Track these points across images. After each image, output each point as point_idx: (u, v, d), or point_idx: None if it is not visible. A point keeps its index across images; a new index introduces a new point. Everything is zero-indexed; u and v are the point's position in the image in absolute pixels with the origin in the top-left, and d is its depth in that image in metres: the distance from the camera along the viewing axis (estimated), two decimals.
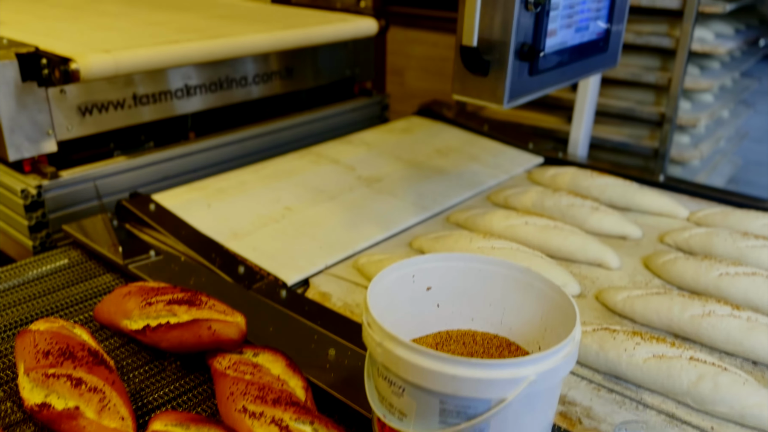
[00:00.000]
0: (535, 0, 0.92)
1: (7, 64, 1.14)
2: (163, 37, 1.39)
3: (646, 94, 1.87)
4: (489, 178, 1.50)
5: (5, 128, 1.16)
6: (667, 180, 1.47)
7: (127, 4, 1.93)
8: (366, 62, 1.90)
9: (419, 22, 3.43)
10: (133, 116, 1.37)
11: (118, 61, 1.20)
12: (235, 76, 1.55)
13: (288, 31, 1.54)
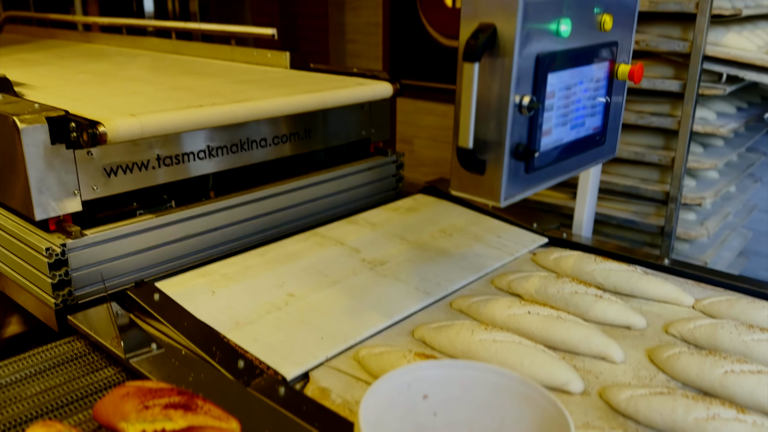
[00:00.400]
0: (529, 105, 0.95)
1: (38, 127, 1.19)
2: (186, 101, 1.44)
3: (650, 171, 1.88)
4: (493, 260, 1.50)
5: (33, 188, 1.20)
6: (672, 264, 1.46)
7: (151, 69, 2.00)
8: (382, 123, 1.95)
9: (428, 94, 3.51)
10: (156, 177, 1.41)
11: (143, 124, 1.25)
12: (256, 137, 1.60)
13: (307, 94, 1.60)
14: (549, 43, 0.98)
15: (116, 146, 1.31)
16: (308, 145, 1.73)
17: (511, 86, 0.94)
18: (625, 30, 1.17)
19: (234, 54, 2.14)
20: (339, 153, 1.89)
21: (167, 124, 1.30)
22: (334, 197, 1.76)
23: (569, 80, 1.04)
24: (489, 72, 0.95)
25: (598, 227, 1.96)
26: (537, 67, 0.96)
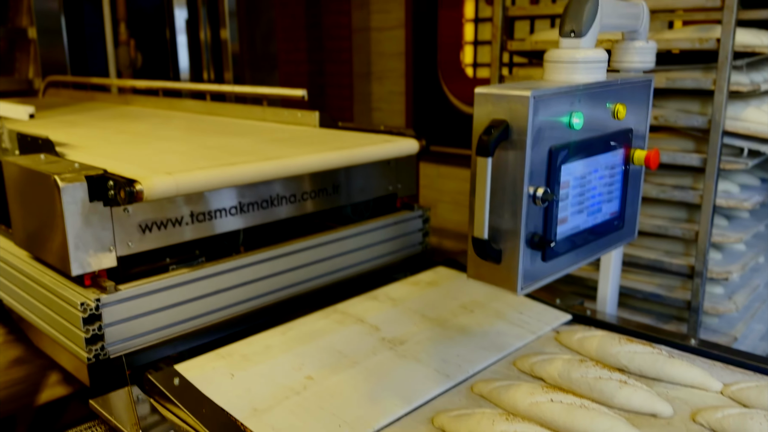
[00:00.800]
0: (543, 197, 0.96)
1: (77, 185, 1.24)
2: (219, 159, 1.49)
3: (674, 244, 1.86)
4: (515, 339, 1.48)
5: (70, 245, 1.24)
6: (699, 344, 1.42)
7: (186, 130, 2.06)
8: (408, 178, 1.99)
9: (451, 160, 3.55)
10: (188, 233, 1.45)
11: (178, 182, 1.29)
12: (285, 193, 1.64)
13: (335, 151, 1.64)
14: (562, 136, 1.00)
15: (151, 203, 1.34)
16: (336, 201, 1.77)
17: (525, 179, 0.95)
18: (640, 117, 1.19)
19: (265, 114, 2.22)
20: (366, 208, 1.93)
21: (201, 182, 1.34)
22: (362, 251, 1.79)
23: (584, 169, 1.05)
24: (502, 165, 0.97)
25: (623, 299, 1.93)
26: (550, 159, 0.98)
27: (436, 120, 3.57)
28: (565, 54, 1.04)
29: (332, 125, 2.07)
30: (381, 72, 3.84)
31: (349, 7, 3.88)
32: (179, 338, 1.41)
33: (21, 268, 1.46)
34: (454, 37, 3.41)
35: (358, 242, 1.78)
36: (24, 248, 1.49)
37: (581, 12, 1.04)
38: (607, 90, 1.08)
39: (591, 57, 1.03)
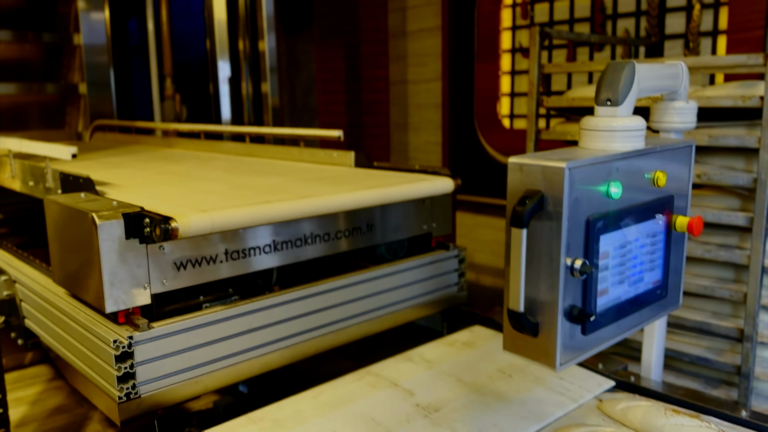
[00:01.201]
0: (581, 269, 0.93)
1: (114, 223, 1.25)
2: (255, 198, 1.50)
3: (722, 305, 1.79)
4: (555, 408, 1.43)
5: (105, 282, 1.25)
6: (751, 416, 1.35)
7: (225, 170, 2.10)
8: (443, 218, 1.97)
9: (487, 209, 3.52)
10: (222, 271, 1.45)
11: (213, 219, 1.30)
12: (319, 232, 1.64)
13: (369, 190, 1.64)
14: (599, 205, 0.98)
15: (186, 241, 1.35)
16: (370, 240, 1.76)
17: (562, 250, 0.93)
18: (681, 182, 1.15)
19: (302, 155, 2.25)
20: (400, 248, 1.91)
21: (236, 219, 1.35)
22: (397, 291, 1.77)
23: (624, 239, 1.02)
24: (538, 236, 0.95)
25: (669, 362, 1.85)
26: (588, 230, 0.95)
27: (472, 170, 3.56)
28: (602, 122, 1.02)
29: (367, 165, 2.07)
30: (418, 123, 3.88)
31: (387, 61, 3.95)
32: (211, 377, 1.40)
33: (58, 306, 1.49)
34: (490, 89, 3.42)
35: (393, 282, 1.76)
36: (62, 286, 1.51)
37: (617, 80, 1.03)
38: (646, 157, 1.05)
39: (628, 125, 1.01)
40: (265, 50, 2.79)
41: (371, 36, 3.91)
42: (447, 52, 3.56)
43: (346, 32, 4.06)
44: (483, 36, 3.40)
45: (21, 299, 1.77)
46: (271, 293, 1.52)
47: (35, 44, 3.50)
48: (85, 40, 3.50)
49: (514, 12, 3.26)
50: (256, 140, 2.67)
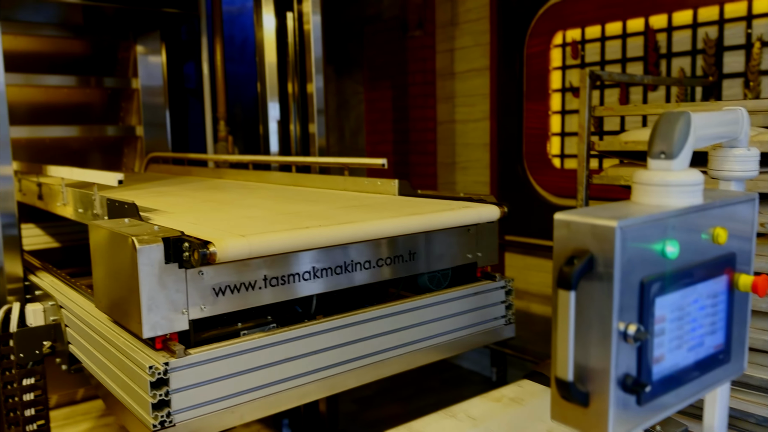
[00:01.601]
0: (635, 335, 0.87)
1: (154, 247, 1.24)
2: (295, 223, 1.48)
3: None
4: None
5: (144, 306, 1.23)
6: None
7: (270, 198, 2.10)
8: (489, 247, 1.88)
9: (537, 251, 3.44)
10: (261, 297, 1.42)
11: (252, 244, 1.28)
12: (360, 259, 1.58)
13: (411, 216, 1.59)
14: (654, 266, 0.91)
15: (226, 266, 1.33)
16: (412, 269, 1.70)
17: (613, 315, 0.87)
18: (744, 238, 1.08)
19: (346, 183, 2.25)
20: (444, 277, 1.84)
21: (274, 244, 1.32)
22: (440, 322, 1.70)
23: (681, 301, 0.95)
24: (587, 299, 0.89)
25: (733, 422, 1.73)
26: (642, 292, 0.89)
27: (522, 210, 3.49)
28: (656, 177, 0.97)
29: (412, 193, 2.03)
30: (465, 162, 3.84)
31: (435, 102, 3.96)
32: (248, 407, 1.36)
33: (98, 330, 1.49)
34: (540, 129, 3.37)
35: (436, 312, 1.69)
36: (102, 310, 1.50)
37: (672, 131, 0.97)
38: (704, 213, 0.99)
39: (685, 180, 0.95)
40: (313, 92, 2.83)
41: (419, 77, 3.93)
42: (495, 92, 3.54)
43: (395, 74, 4.09)
44: (532, 75, 3.37)
45: (66, 325, 1.80)
46: (311, 321, 1.49)
47: (97, 88, 3.65)
48: (143, 84, 3.64)
49: (564, 52, 3.22)
50: (302, 170, 2.70)
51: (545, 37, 3.27)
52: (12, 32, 3.32)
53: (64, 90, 3.51)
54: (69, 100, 3.57)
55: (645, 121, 2.70)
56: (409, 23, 3.92)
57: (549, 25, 3.25)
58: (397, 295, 1.73)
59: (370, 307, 1.58)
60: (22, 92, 3.41)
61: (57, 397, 3.03)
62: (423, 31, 3.86)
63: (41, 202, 2.30)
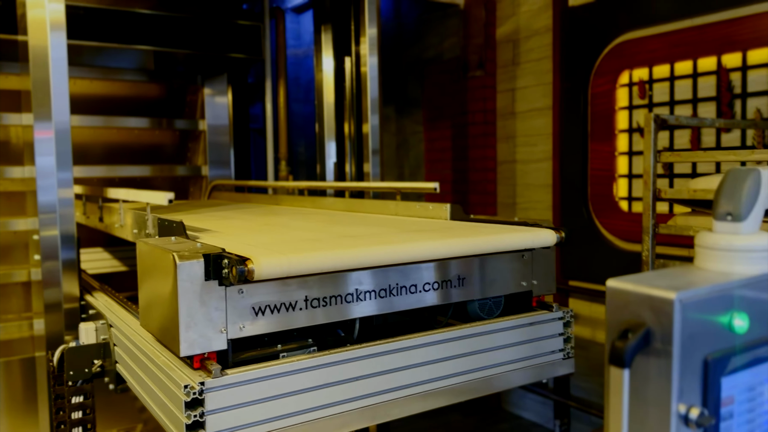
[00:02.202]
0: (698, 419, 0.78)
1: (195, 263, 1.22)
2: (339, 244, 1.44)
3: None
4: None
5: (182, 324, 1.21)
6: None
7: (319, 221, 2.10)
8: (545, 275, 1.77)
9: (603, 298, 3.28)
10: (302, 319, 1.37)
11: (290, 262, 1.25)
12: (406, 283, 1.52)
13: (458, 239, 1.52)
14: (720, 341, 0.83)
15: (266, 285, 1.30)
16: (462, 295, 1.60)
17: (673, 397, 0.78)
18: None
19: (398, 208, 2.23)
20: (496, 305, 1.74)
21: (313, 263, 1.29)
22: (492, 353, 1.60)
23: (753, 380, 0.86)
24: (643, 377, 0.81)
25: None
26: (706, 371, 0.80)
27: (587, 255, 3.36)
28: (722, 240, 0.88)
29: (464, 218, 1.98)
30: (527, 203, 3.75)
31: (495, 141, 3.90)
32: None
33: (142, 349, 1.49)
34: (606, 170, 3.25)
35: (487, 342, 1.59)
36: (145, 328, 1.49)
37: (739, 191, 0.89)
38: None
39: (754, 245, 0.87)
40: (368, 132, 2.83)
41: (479, 116, 3.89)
42: (558, 132, 3.45)
43: (454, 113, 4.07)
44: (597, 115, 3.26)
45: (114, 344, 1.82)
46: (353, 345, 1.42)
47: (167, 130, 3.80)
48: (209, 124, 3.76)
49: (630, 91, 3.11)
50: (357, 195, 2.75)
51: (611, 76, 3.18)
52: (89, 77, 3.51)
53: (135, 131, 3.67)
54: (139, 141, 3.72)
55: (719, 167, 2.55)
56: (470, 64, 3.90)
57: (615, 64, 3.16)
58: (446, 323, 1.65)
59: (415, 334, 1.50)
60: (96, 133, 3.58)
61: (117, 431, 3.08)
62: (484, 71, 3.83)
63: (102, 225, 2.36)
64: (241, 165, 3.96)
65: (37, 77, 1.94)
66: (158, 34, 3.06)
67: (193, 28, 3.18)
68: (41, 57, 1.94)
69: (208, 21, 3.21)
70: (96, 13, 2.90)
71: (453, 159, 4.11)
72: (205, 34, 3.21)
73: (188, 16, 3.16)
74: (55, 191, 2.01)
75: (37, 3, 1.92)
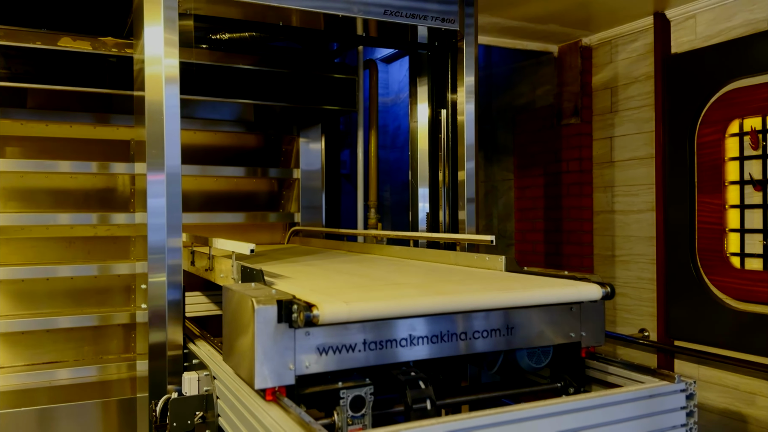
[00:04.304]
0: None
1: (269, 308, 1.41)
2: (397, 292, 1.63)
3: None
4: None
5: (257, 360, 1.39)
6: None
7: (384, 269, 2.23)
8: (594, 327, 1.84)
9: (712, 362, 3.05)
10: (360, 360, 1.52)
11: (352, 309, 1.43)
12: (456, 330, 1.63)
13: (509, 291, 1.67)
14: None
15: (330, 328, 1.46)
16: (510, 343, 1.71)
17: None
18: None
19: (458, 258, 2.38)
20: (545, 354, 1.84)
21: (372, 311, 1.46)
22: (606, 428, 1.49)
23: None
24: None
25: None
26: None
27: (694, 313, 3.15)
28: None
29: (517, 269, 2.12)
30: (627, 256, 3.58)
31: (591, 190, 3.77)
32: None
33: (245, 404, 1.54)
34: (715, 224, 3.06)
35: (601, 416, 1.47)
36: (226, 362, 1.61)
37: None
38: None
39: None
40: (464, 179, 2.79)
41: (574, 165, 3.79)
42: (662, 183, 3.29)
43: (546, 161, 3.98)
44: (704, 166, 3.10)
45: (217, 396, 1.84)
46: (465, 414, 1.36)
47: (262, 178, 3.91)
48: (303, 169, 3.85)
49: (741, 141, 2.94)
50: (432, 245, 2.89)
51: (719, 125, 3.02)
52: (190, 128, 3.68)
53: (233, 180, 3.79)
54: (237, 189, 3.85)
55: None
56: (564, 111, 3.83)
57: (723, 113, 3.00)
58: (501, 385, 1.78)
59: (510, 407, 1.44)
60: (196, 181, 3.73)
61: None
62: (579, 118, 3.74)
63: (193, 268, 2.49)
64: (332, 209, 4.02)
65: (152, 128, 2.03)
66: (259, 88, 3.18)
67: (292, 83, 3.28)
68: (156, 110, 2.03)
69: (305, 75, 3.31)
70: (204, 69, 3.05)
71: (545, 208, 4.01)
72: (303, 88, 3.30)
73: (287, 71, 3.27)
74: (165, 234, 2.05)
75: (154, 60, 2.03)
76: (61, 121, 3.24)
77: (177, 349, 2.14)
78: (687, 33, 3.20)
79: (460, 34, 2.53)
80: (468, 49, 2.54)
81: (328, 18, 2.34)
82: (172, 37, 1.99)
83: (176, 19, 1.99)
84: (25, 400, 2.87)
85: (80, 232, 3.27)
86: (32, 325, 3.01)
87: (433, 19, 2.38)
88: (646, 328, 3.46)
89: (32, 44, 2.70)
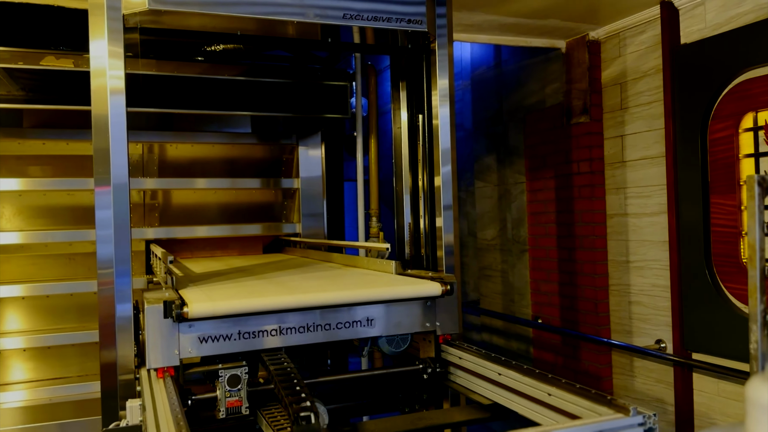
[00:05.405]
0: None
1: (157, 306, 1.79)
2: (271, 292, 2.01)
3: None
4: None
5: (148, 346, 1.79)
6: None
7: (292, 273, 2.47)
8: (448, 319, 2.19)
9: (732, 375, 2.80)
10: (238, 346, 1.88)
11: (216, 307, 1.81)
12: (320, 322, 2.00)
13: (359, 290, 2.07)
14: None
15: (211, 321, 1.83)
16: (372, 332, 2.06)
17: None
18: None
19: (369, 264, 2.64)
20: (403, 340, 2.18)
21: (231, 308, 1.83)
22: None
23: None
24: None
25: None
26: None
27: (711, 323, 2.90)
28: None
29: (400, 272, 2.41)
30: (641, 262, 3.35)
31: (603, 192, 3.55)
32: None
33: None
34: (730, 227, 2.81)
35: None
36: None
37: None
38: None
39: None
40: (440, 185, 2.62)
41: (584, 166, 3.58)
42: (673, 183, 3.05)
43: (557, 162, 3.78)
44: (717, 164, 2.85)
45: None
46: None
47: (265, 189, 3.87)
48: (303, 177, 3.79)
49: (756, 136, 2.69)
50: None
51: (732, 120, 2.77)
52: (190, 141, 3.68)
53: (233, 192, 3.77)
54: (236, 200, 3.82)
55: None
56: (573, 110, 3.62)
57: (736, 107, 2.75)
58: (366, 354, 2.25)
59: None
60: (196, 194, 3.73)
61: None
62: (589, 116, 3.53)
63: (150, 276, 2.68)
64: (334, 220, 3.94)
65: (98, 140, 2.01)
66: (246, 99, 3.14)
67: (281, 91, 3.22)
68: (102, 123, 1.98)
69: (295, 84, 3.25)
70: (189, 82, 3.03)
71: (557, 211, 3.81)
72: (292, 96, 3.25)
73: (277, 81, 3.21)
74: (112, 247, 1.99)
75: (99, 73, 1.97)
76: (57, 138, 3.29)
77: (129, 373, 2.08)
78: (696, 22, 2.96)
79: (432, 36, 2.40)
80: (441, 51, 2.40)
81: (288, 25, 2.26)
82: (117, 49, 1.95)
83: (120, 29, 1.96)
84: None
85: (80, 249, 3.32)
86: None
87: (398, 21, 2.26)
88: (662, 339, 3.22)
89: (14, 65, 2.74)
